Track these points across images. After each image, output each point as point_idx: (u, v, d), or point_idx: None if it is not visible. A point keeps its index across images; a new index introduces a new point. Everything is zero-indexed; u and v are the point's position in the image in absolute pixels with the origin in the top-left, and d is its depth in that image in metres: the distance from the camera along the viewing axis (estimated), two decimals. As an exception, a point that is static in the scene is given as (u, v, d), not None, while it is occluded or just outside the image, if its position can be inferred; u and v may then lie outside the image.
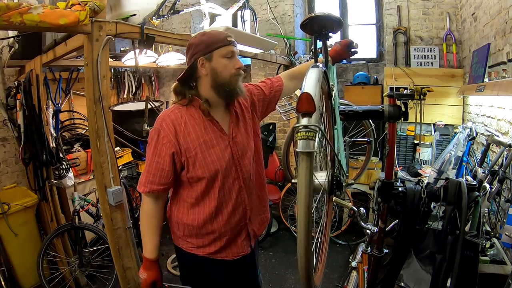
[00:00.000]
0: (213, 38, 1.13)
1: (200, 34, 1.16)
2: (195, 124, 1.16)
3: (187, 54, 1.17)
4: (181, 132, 1.14)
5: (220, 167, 1.17)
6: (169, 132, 1.13)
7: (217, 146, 1.18)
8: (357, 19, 3.81)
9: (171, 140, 1.12)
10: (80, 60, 2.69)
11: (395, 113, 1.29)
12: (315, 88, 0.80)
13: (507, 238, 1.43)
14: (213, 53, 1.12)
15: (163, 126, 1.14)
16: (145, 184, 1.14)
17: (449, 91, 3.11)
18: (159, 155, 1.13)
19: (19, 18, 1.25)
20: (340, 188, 1.14)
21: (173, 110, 1.17)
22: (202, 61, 1.13)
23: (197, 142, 1.15)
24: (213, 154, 1.17)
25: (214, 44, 1.13)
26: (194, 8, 2.43)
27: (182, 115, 1.16)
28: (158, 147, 1.13)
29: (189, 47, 1.16)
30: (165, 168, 1.13)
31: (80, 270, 2.51)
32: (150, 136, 1.16)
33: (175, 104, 1.21)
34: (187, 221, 1.21)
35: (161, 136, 1.13)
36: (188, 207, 1.21)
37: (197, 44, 1.13)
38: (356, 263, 1.74)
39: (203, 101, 1.17)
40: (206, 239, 1.22)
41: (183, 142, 1.13)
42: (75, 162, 2.76)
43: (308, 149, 0.73)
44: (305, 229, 0.75)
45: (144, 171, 1.16)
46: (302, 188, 0.74)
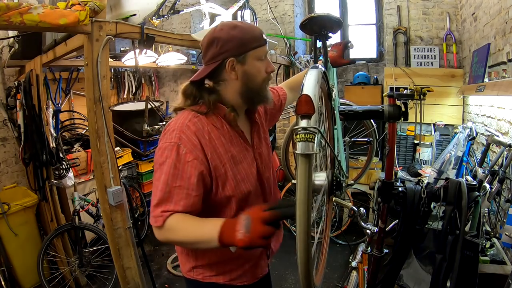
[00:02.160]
0: (248, 34, 0.92)
1: (229, 27, 0.92)
2: (220, 135, 0.95)
3: (209, 49, 0.93)
4: (207, 146, 0.91)
5: (250, 185, 0.99)
6: (193, 146, 0.88)
7: (244, 160, 0.99)
8: (357, 19, 3.81)
9: (198, 156, 0.88)
10: (80, 60, 2.69)
11: (395, 113, 1.29)
12: (314, 90, 0.80)
13: (507, 238, 1.44)
14: (248, 54, 0.92)
15: (183, 139, 0.88)
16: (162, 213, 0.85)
17: (449, 91, 3.11)
18: (182, 177, 0.85)
19: (19, 18, 1.25)
20: (340, 189, 1.15)
21: (191, 119, 0.92)
22: (233, 62, 0.91)
23: (226, 158, 0.94)
24: (242, 170, 0.98)
25: (250, 43, 0.92)
26: (194, 8, 2.43)
27: (203, 124, 0.93)
28: (180, 166, 0.86)
29: (212, 41, 0.91)
30: (191, 194, 0.86)
31: (80, 270, 2.51)
32: (161, 154, 0.89)
33: (187, 110, 0.96)
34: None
35: (181, 152, 0.87)
36: None
37: (226, 40, 0.90)
38: (356, 263, 1.75)
39: (229, 109, 0.96)
40: (229, 265, 1.03)
41: (211, 159, 0.91)
42: (75, 162, 2.77)
43: (307, 151, 0.73)
44: (304, 230, 0.75)
45: (158, 199, 0.85)
46: (302, 190, 0.74)
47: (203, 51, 0.96)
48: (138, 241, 2.11)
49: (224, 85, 0.96)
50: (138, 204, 3.45)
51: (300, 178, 0.74)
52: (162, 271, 2.82)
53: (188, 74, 4.39)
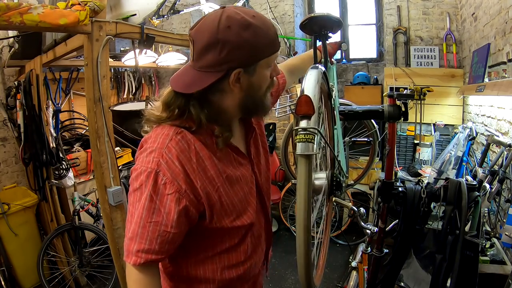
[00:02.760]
0: (263, 38, 0.72)
1: (239, 26, 0.68)
2: (210, 154, 0.77)
3: (208, 52, 0.70)
4: (195, 171, 0.74)
5: (249, 206, 0.86)
6: (174, 175, 0.71)
7: (241, 179, 0.84)
8: (357, 19, 3.80)
9: (181, 188, 0.71)
10: (80, 60, 2.69)
11: (395, 113, 1.29)
12: (314, 90, 0.80)
13: (507, 238, 1.44)
14: (258, 64, 0.74)
15: (162, 165, 0.71)
16: (138, 254, 0.70)
17: (449, 91, 3.11)
18: (158, 212, 0.70)
19: (19, 18, 1.25)
20: (340, 189, 1.15)
21: (173, 138, 0.73)
22: (239, 74, 0.72)
23: (219, 181, 0.78)
24: (239, 192, 0.83)
25: (264, 50, 0.73)
26: (194, 8, 2.43)
27: (189, 143, 0.74)
28: (156, 199, 0.70)
29: (215, 43, 0.69)
30: (168, 231, 0.71)
31: (80, 270, 2.51)
32: (136, 178, 0.73)
33: (167, 125, 0.76)
34: (208, 273, 0.85)
35: (160, 181, 0.70)
36: (209, 255, 0.85)
37: (235, 45, 0.69)
38: (356, 263, 1.75)
39: (222, 128, 0.78)
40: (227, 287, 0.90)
41: (201, 186, 0.74)
42: (75, 162, 2.77)
43: (307, 151, 0.73)
44: (305, 230, 0.75)
45: (132, 232, 0.71)
46: (302, 190, 0.74)
47: (198, 50, 0.71)
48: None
49: (220, 96, 0.76)
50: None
51: (300, 178, 0.74)
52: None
53: (188, 74, 4.39)
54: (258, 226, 0.92)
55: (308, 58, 1.30)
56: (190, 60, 0.75)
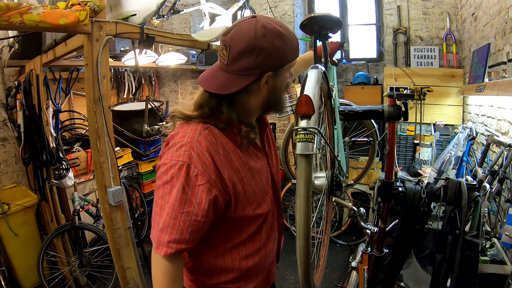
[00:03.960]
0: (291, 46, 0.81)
1: (274, 35, 0.77)
2: (234, 147, 0.84)
3: (245, 57, 0.76)
4: (222, 163, 0.80)
5: (267, 195, 0.92)
6: (205, 167, 0.77)
7: (260, 170, 0.91)
8: (357, 19, 3.80)
9: (211, 178, 0.77)
10: (80, 60, 2.69)
11: (395, 113, 1.29)
12: (314, 90, 0.80)
13: (507, 238, 1.44)
14: (284, 67, 0.82)
15: (194, 157, 0.76)
16: (169, 245, 0.75)
17: (449, 91, 3.11)
18: (190, 203, 0.75)
19: (19, 18, 1.25)
20: (340, 188, 1.15)
21: (201, 132, 0.79)
22: (269, 77, 0.80)
23: (243, 172, 0.84)
24: (259, 181, 0.90)
25: (290, 56, 0.82)
26: (194, 8, 2.43)
27: (216, 137, 0.81)
28: (188, 190, 0.75)
29: (252, 49, 0.75)
30: (199, 220, 0.76)
31: (80, 270, 2.51)
32: (166, 171, 0.77)
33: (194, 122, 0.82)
34: (227, 263, 0.90)
35: (192, 173, 0.76)
36: (229, 247, 0.90)
37: (270, 52, 0.76)
38: (356, 263, 1.75)
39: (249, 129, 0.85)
40: (246, 278, 0.94)
41: (228, 176, 0.80)
42: (75, 162, 2.77)
43: (307, 151, 0.73)
44: (304, 230, 0.75)
45: (163, 223, 0.76)
46: (301, 189, 0.74)
47: (234, 56, 0.77)
48: (138, 241, 2.11)
49: (247, 96, 0.83)
50: (138, 204, 3.46)
51: (300, 178, 0.74)
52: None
53: (188, 74, 4.39)
54: (271, 215, 0.97)
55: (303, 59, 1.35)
56: (222, 64, 0.81)
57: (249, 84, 0.79)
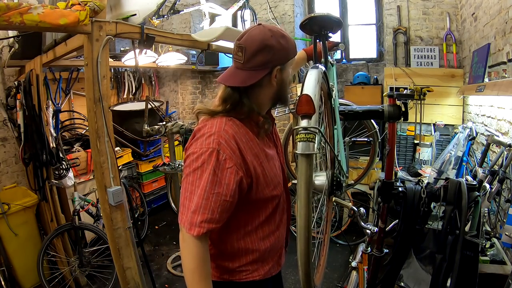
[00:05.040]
0: (291, 44, 0.97)
1: (279, 36, 0.93)
2: (253, 136, 0.97)
3: (259, 54, 0.90)
4: (246, 148, 0.92)
5: (280, 179, 1.04)
6: (233, 152, 0.88)
7: (273, 157, 1.03)
8: (357, 19, 3.80)
9: (238, 162, 0.88)
10: (80, 60, 2.69)
11: (395, 113, 1.29)
12: (315, 90, 0.81)
13: (507, 238, 1.44)
14: (288, 62, 0.97)
15: (222, 144, 0.87)
16: (201, 224, 0.84)
17: (449, 91, 3.11)
18: (220, 184, 0.85)
19: (19, 18, 1.25)
20: (340, 188, 1.15)
21: (227, 123, 0.91)
22: (278, 71, 0.94)
23: (261, 157, 0.97)
24: (274, 167, 1.02)
25: (292, 52, 0.97)
26: (194, 8, 2.43)
27: (239, 127, 0.93)
28: (219, 173, 0.86)
29: (264, 47, 0.90)
30: (228, 200, 0.87)
31: (80, 270, 2.50)
32: (197, 158, 0.87)
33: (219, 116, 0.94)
34: (248, 245, 1.00)
35: (221, 158, 0.86)
36: (248, 229, 1.00)
37: (278, 49, 0.92)
38: (356, 263, 1.74)
39: (265, 120, 0.98)
40: (262, 260, 1.04)
41: (250, 161, 0.92)
42: (75, 162, 2.76)
43: (308, 151, 0.73)
44: (305, 229, 0.75)
45: (195, 205, 0.85)
46: (302, 189, 0.74)
47: (249, 55, 0.91)
48: (138, 241, 2.11)
49: (259, 90, 0.96)
50: (138, 204, 3.45)
51: (300, 177, 0.74)
52: (162, 271, 2.82)
53: (188, 74, 4.39)
54: (283, 199, 1.08)
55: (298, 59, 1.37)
56: (238, 64, 0.94)
57: (264, 76, 0.92)
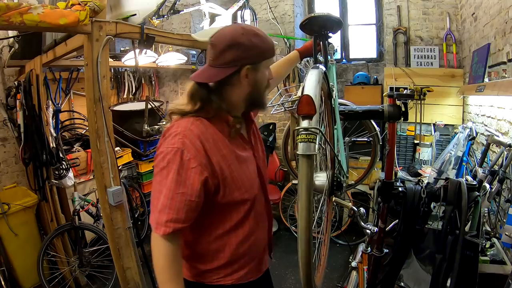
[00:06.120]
0: (266, 44, 0.94)
1: (251, 34, 0.91)
2: (222, 137, 0.94)
3: (227, 52, 0.89)
4: (212, 149, 0.90)
5: (254, 183, 1.01)
6: (197, 151, 0.86)
7: (247, 159, 1.00)
8: (357, 19, 3.80)
9: (202, 162, 0.87)
10: (80, 60, 2.69)
11: (395, 113, 1.29)
12: (315, 90, 0.81)
13: (507, 238, 1.44)
14: (262, 63, 0.94)
15: (187, 144, 0.86)
16: (167, 224, 0.84)
17: (449, 91, 3.11)
18: (185, 184, 0.85)
19: (19, 18, 1.25)
20: (340, 189, 1.15)
21: (193, 122, 0.90)
22: (248, 70, 0.91)
23: (230, 159, 0.94)
24: (246, 169, 0.99)
25: (266, 53, 0.94)
26: (194, 8, 2.43)
27: (207, 127, 0.91)
28: (183, 173, 0.85)
29: (233, 44, 0.89)
30: (193, 200, 0.86)
31: (80, 270, 2.51)
32: (163, 158, 0.87)
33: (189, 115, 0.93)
34: (219, 248, 0.99)
35: (185, 157, 0.85)
36: (220, 233, 0.98)
37: (248, 47, 0.89)
38: (356, 263, 1.75)
39: (236, 119, 0.96)
40: (236, 265, 1.01)
41: (216, 162, 0.90)
42: (75, 162, 2.76)
43: (309, 151, 0.73)
44: (306, 229, 0.75)
45: (161, 205, 0.85)
46: (303, 190, 0.74)
47: (218, 52, 0.90)
48: (138, 241, 2.11)
49: (230, 89, 0.94)
50: (138, 204, 3.45)
51: (301, 178, 0.74)
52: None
53: (188, 74, 4.39)
54: (260, 204, 1.05)
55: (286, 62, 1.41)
56: (209, 61, 0.93)
57: (231, 74, 0.90)
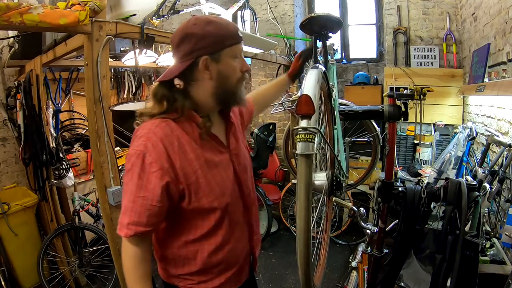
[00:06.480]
0: (223, 30, 0.87)
1: (203, 22, 0.86)
2: (191, 140, 0.89)
3: (181, 46, 0.86)
4: (176, 153, 0.85)
5: (226, 189, 0.94)
6: (158, 155, 0.83)
7: (219, 164, 0.94)
8: (357, 19, 3.81)
9: (163, 166, 0.83)
10: (80, 60, 2.69)
11: (395, 113, 1.29)
12: (314, 90, 0.81)
13: (507, 238, 1.44)
14: (222, 52, 0.87)
15: (149, 147, 0.83)
16: (129, 226, 0.84)
17: (449, 91, 3.11)
18: (146, 188, 0.83)
19: (19, 18, 1.25)
20: (340, 189, 1.15)
21: (158, 124, 0.87)
22: (207, 61, 0.86)
23: (198, 164, 0.89)
24: (217, 175, 0.93)
25: (226, 40, 0.87)
26: (194, 8, 2.43)
27: (173, 129, 0.87)
28: (144, 177, 0.83)
29: (184, 37, 0.85)
30: (155, 205, 0.83)
31: (80, 270, 2.51)
32: (129, 160, 0.85)
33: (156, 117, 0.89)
34: (189, 255, 0.95)
35: (147, 161, 0.83)
36: (190, 239, 0.94)
37: (200, 36, 0.84)
38: (356, 263, 1.74)
39: (205, 119, 0.91)
40: (210, 273, 0.97)
41: (180, 166, 0.86)
42: (75, 162, 2.76)
43: (308, 151, 0.73)
44: (305, 229, 0.75)
45: (124, 207, 0.85)
46: (302, 189, 0.74)
47: (174, 48, 0.89)
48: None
49: (196, 85, 0.90)
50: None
51: (300, 178, 0.74)
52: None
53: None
54: (236, 213, 0.99)
55: (274, 86, 1.33)
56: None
57: (189, 68, 0.86)
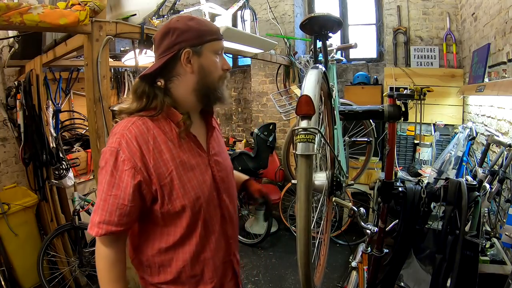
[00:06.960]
0: (205, 27, 0.89)
1: (186, 18, 0.88)
2: (167, 140, 0.87)
3: (163, 40, 0.87)
4: (150, 152, 0.84)
5: (202, 194, 0.91)
6: (132, 153, 0.82)
7: (196, 167, 0.91)
8: (357, 19, 3.80)
9: (136, 165, 0.82)
10: (80, 60, 2.69)
11: (395, 113, 1.29)
12: (315, 90, 0.81)
13: (507, 238, 1.43)
14: (204, 46, 0.88)
15: (123, 144, 0.82)
16: (99, 225, 0.82)
17: (449, 91, 3.11)
18: (118, 186, 0.82)
19: (19, 18, 1.25)
20: (340, 188, 1.15)
21: (135, 122, 0.85)
22: (189, 54, 0.86)
23: (173, 164, 0.86)
24: (193, 178, 0.90)
25: (207, 34, 0.89)
26: (194, 8, 2.43)
27: (149, 128, 0.86)
28: (116, 174, 0.82)
29: (167, 31, 0.87)
30: (126, 204, 0.82)
31: (80, 270, 2.50)
32: (103, 158, 0.84)
33: (134, 114, 0.88)
34: (165, 263, 0.92)
35: (120, 159, 0.81)
36: (163, 246, 0.91)
37: (183, 30, 0.86)
38: (356, 263, 1.74)
39: (185, 117, 0.89)
40: (187, 283, 0.94)
41: (154, 166, 0.84)
42: (75, 162, 2.76)
43: (308, 151, 0.73)
44: (305, 230, 0.75)
45: (96, 205, 0.84)
46: (302, 190, 0.74)
47: (156, 43, 0.89)
48: (138, 241, 2.10)
49: (177, 81, 0.89)
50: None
51: (300, 178, 0.74)
52: None
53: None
54: (212, 221, 0.96)
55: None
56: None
57: (171, 61, 0.86)
